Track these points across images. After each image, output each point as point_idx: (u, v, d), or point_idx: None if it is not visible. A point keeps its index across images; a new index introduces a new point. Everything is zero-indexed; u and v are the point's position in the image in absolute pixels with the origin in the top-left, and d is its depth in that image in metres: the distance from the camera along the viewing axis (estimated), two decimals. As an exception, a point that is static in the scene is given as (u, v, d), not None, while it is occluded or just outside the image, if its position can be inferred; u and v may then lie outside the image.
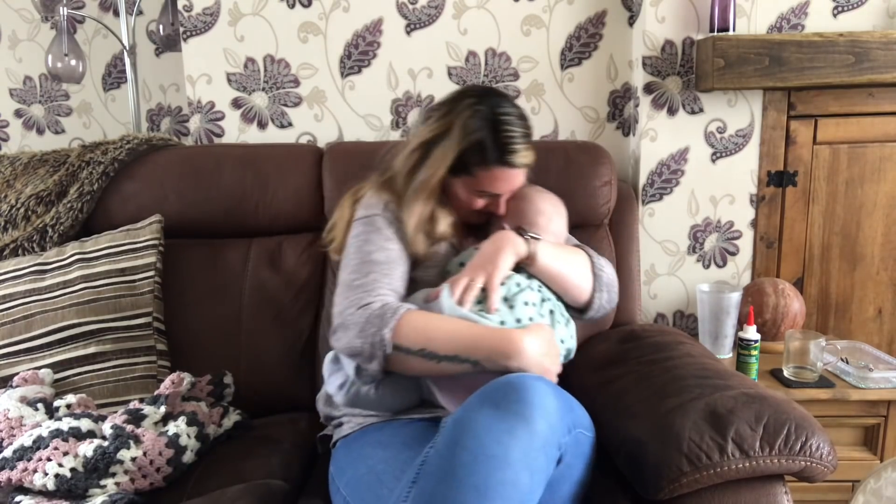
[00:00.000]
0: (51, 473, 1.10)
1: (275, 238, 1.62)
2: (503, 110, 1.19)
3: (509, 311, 1.11)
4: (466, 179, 1.21)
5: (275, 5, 1.78)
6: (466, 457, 0.83)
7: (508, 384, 0.90)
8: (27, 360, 1.42)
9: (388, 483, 0.96)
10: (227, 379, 1.47)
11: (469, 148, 1.17)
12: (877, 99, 1.68)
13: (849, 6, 1.69)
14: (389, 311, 1.06)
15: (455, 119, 1.19)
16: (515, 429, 0.85)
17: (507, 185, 1.23)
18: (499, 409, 0.86)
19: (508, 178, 1.21)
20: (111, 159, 1.60)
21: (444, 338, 1.05)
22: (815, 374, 1.49)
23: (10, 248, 1.55)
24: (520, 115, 1.22)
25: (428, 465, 0.86)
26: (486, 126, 1.17)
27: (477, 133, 1.17)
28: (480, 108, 1.18)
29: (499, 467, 0.82)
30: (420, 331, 1.05)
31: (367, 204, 1.25)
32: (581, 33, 1.81)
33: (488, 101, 1.20)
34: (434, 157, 1.19)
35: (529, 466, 0.84)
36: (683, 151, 1.74)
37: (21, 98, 2.08)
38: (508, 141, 1.17)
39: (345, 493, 1.03)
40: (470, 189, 1.22)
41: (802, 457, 0.98)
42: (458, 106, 1.20)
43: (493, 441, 0.83)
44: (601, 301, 1.26)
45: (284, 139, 1.85)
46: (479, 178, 1.20)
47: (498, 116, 1.18)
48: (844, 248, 1.76)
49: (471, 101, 1.20)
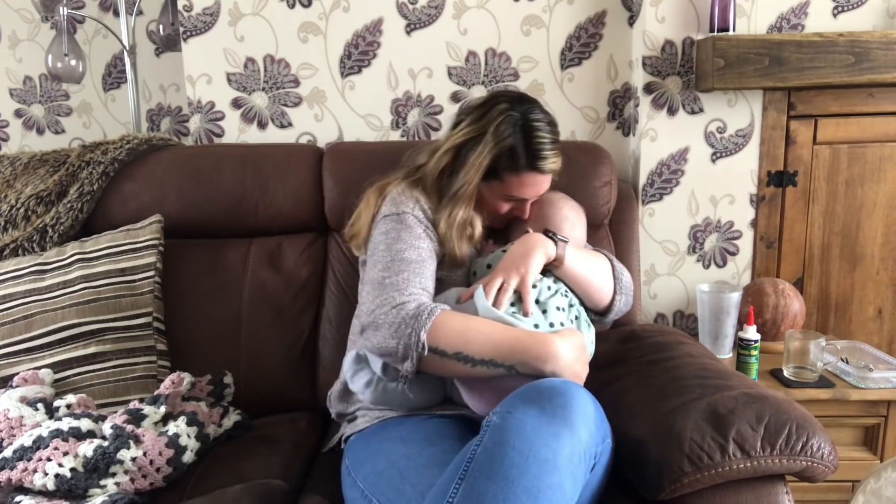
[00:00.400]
0: (51, 473, 1.09)
1: (275, 238, 1.62)
2: (534, 116, 1.20)
3: (542, 316, 1.11)
4: (496, 184, 1.22)
5: (275, 5, 1.78)
6: (517, 457, 0.83)
7: (552, 389, 0.90)
8: (27, 360, 1.42)
9: (410, 478, 0.96)
10: (227, 379, 1.47)
11: (501, 153, 1.18)
12: (877, 99, 1.68)
13: (849, 6, 1.69)
14: (425, 312, 1.05)
15: (488, 124, 1.19)
16: (562, 434, 0.86)
17: (535, 191, 1.24)
18: (545, 413, 0.87)
19: (537, 183, 1.22)
20: (111, 159, 1.60)
21: (481, 341, 1.04)
22: (815, 374, 1.49)
23: (10, 248, 1.55)
24: (550, 121, 1.23)
25: (476, 462, 0.85)
26: (519, 132, 1.18)
27: (509, 139, 1.18)
28: (513, 114, 1.19)
29: (549, 471, 0.83)
30: (457, 333, 1.04)
31: (396, 200, 1.22)
32: (581, 33, 1.81)
33: (520, 107, 1.20)
34: (469, 162, 1.20)
35: (573, 473, 0.86)
36: (683, 151, 1.74)
37: (21, 98, 2.08)
38: (539, 147, 1.19)
39: (363, 487, 1.03)
40: (498, 193, 1.23)
41: (803, 457, 0.98)
42: (491, 111, 1.20)
43: (543, 444, 0.84)
44: (620, 304, 1.27)
45: (284, 139, 1.85)
46: (508, 182, 1.21)
47: (530, 122, 1.19)
48: (844, 248, 1.76)
49: (503, 106, 1.20)
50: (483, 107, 1.23)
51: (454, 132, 1.24)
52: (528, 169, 1.19)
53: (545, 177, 1.23)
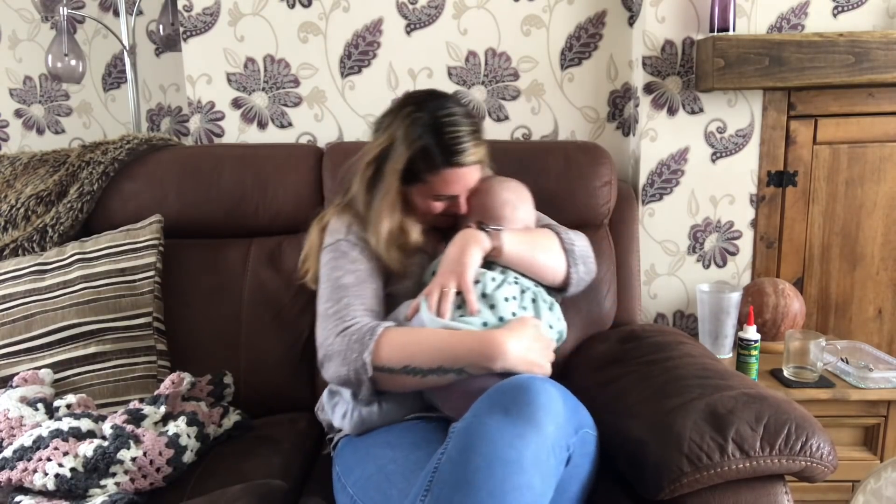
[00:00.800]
0: (51, 473, 1.10)
1: (275, 238, 1.62)
2: (444, 112, 1.17)
3: (491, 311, 1.11)
4: (420, 187, 1.20)
5: (275, 5, 1.78)
6: (481, 462, 0.82)
7: (516, 387, 0.90)
8: (27, 360, 1.42)
9: (397, 483, 0.96)
10: (227, 379, 1.47)
11: (415, 156, 1.16)
12: (877, 99, 1.68)
13: (849, 6, 1.69)
14: (367, 333, 1.06)
15: (396, 130, 1.18)
16: (526, 433, 0.85)
17: (462, 185, 1.21)
18: (509, 413, 0.86)
19: (460, 178, 1.20)
20: (111, 159, 1.60)
21: (426, 351, 1.05)
22: (815, 374, 1.49)
23: (10, 248, 1.55)
24: (465, 112, 1.20)
25: (441, 472, 0.85)
26: (428, 131, 1.16)
27: (419, 140, 1.16)
28: (420, 115, 1.17)
29: (515, 472, 0.82)
30: (400, 348, 1.05)
31: (331, 230, 1.25)
32: (581, 33, 1.81)
33: (427, 106, 1.18)
34: (386, 171, 1.19)
35: (541, 470, 0.85)
36: (683, 151, 1.74)
37: (21, 98, 2.08)
38: (453, 142, 1.16)
39: (352, 492, 1.03)
40: (426, 195, 1.21)
41: (803, 457, 0.98)
42: (397, 117, 1.20)
43: (506, 445, 0.83)
44: (579, 275, 1.25)
45: (284, 139, 1.85)
46: (431, 183, 1.19)
47: (439, 119, 1.16)
48: (844, 248, 1.76)
49: (409, 108, 1.19)
50: (391, 115, 1.22)
51: (369, 146, 1.23)
52: (445, 166, 1.17)
53: (468, 169, 1.20)
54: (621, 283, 1.61)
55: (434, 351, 1.05)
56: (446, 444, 0.88)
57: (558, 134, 1.85)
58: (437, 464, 0.86)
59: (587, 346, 1.47)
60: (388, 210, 1.19)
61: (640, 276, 1.68)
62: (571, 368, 1.41)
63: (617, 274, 1.60)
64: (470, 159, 1.18)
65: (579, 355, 1.44)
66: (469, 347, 1.03)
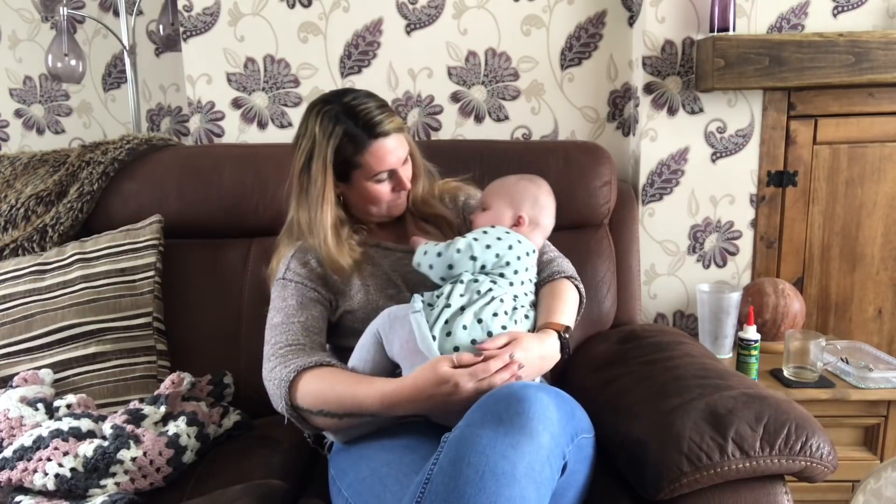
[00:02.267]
0: (51, 473, 1.10)
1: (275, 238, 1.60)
2: (348, 98, 1.21)
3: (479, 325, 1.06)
4: (358, 173, 1.21)
5: (275, 5, 1.78)
6: (472, 474, 0.81)
7: (509, 396, 0.89)
8: (27, 360, 1.42)
9: (391, 486, 0.96)
10: (227, 379, 1.47)
11: (340, 144, 1.18)
12: (877, 99, 1.68)
13: (849, 6, 1.69)
14: (284, 381, 1.08)
15: (312, 130, 1.21)
16: (520, 443, 0.84)
17: (395, 156, 1.22)
18: (502, 423, 0.86)
19: (391, 149, 1.21)
20: (111, 159, 1.60)
21: (334, 400, 1.05)
22: (815, 374, 1.49)
23: (10, 248, 1.55)
24: (367, 93, 1.23)
25: (433, 483, 0.84)
26: (342, 116, 1.19)
27: (338, 126, 1.18)
28: (328, 108, 1.20)
29: (507, 484, 0.81)
30: (312, 395, 1.07)
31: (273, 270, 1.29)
32: (581, 33, 1.81)
33: (331, 100, 1.22)
34: (314, 170, 1.20)
35: (535, 480, 0.84)
36: (683, 151, 1.74)
37: (21, 98, 2.08)
38: (368, 117, 1.18)
39: (347, 495, 1.03)
40: (366, 179, 1.22)
41: (803, 457, 0.98)
42: (308, 120, 1.22)
43: (499, 456, 0.82)
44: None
45: (284, 139, 1.84)
46: (366, 164, 1.20)
47: (347, 104, 1.20)
48: (844, 248, 1.76)
49: (316, 108, 1.22)
50: (302, 125, 1.24)
51: (294, 161, 1.25)
52: (371, 139, 1.19)
53: (394, 138, 1.21)
54: (621, 283, 1.61)
55: (341, 399, 1.05)
56: (438, 455, 0.87)
57: (558, 134, 1.85)
58: (428, 475, 0.85)
59: (587, 346, 1.47)
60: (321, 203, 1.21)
61: (640, 276, 1.68)
62: (571, 368, 1.41)
63: (617, 274, 1.60)
64: (390, 127, 1.20)
65: (579, 355, 1.44)
66: (372, 401, 1.03)
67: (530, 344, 1.05)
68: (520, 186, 1.26)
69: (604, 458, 1.07)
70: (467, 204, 1.37)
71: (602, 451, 1.06)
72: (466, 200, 1.37)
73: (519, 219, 1.23)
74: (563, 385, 1.19)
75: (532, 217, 1.23)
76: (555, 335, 1.10)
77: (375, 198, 1.24)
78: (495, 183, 1.29)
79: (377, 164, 1.20)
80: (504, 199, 1.24)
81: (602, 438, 1.07)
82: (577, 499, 0.98)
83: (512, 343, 1.03)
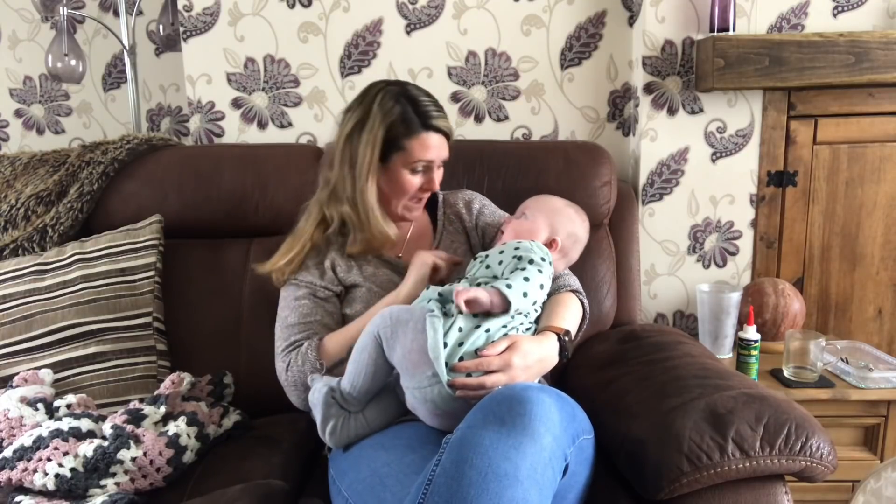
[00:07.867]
0: (51, 473, 1.10)
1: (275, 238, 1.60)
2: (412, 88, 1.28)
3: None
4: (398, 157, 1.25)
5: (275, 5, 1.78)
6: (475, 476, 0.81)
7: (511, 398, 0.89)
8: (27, 360, 1.42)
9: (391, 486, 0.96)
10: (227, 379, 1.47)
11: (393, 123, 1.23)
12: (877, 99, 1.68)
13: (849, 6, 1.69)
14: (311, 349, 1.20)
15: (371, 104, 1.25)
16: (522, 444, 0.84)
17: (438, 153, 1.27)
18: (504, 424, 0.85)
19: (437, 144, 1.26)
20: (111, 159, 1.60)
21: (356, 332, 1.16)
22: (815, 374, 1.49)
23: (10, 248, 1.55)
24: (427, 93, 1.30)
25: (435, 485, 0.83)
26: (403, 100, 1.25)
27: (396, 107, 1.24)
28: (391, 89, 1.26)
29: (509, 485, 0.81)
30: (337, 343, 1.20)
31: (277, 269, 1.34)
32: (581, 33, 1.81)
33: (396, 84, 1.28)
34: (363, 141, 1.24)
35: (538, 482, 0.84)
36: (683, 151, 1.74)
37: (21, 98, 2.08)
38: (427, 108, 1.25)
39: (347, 496, 1.03)
40: (404, 165, 1.26)
41: (803, 457, 0.98)
42: (368, 94, 1.27)
43: (502, 458, 0.82)
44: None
45: (284, 139, 1.85)
46: (410, 149, 1.24)
47: (409, 92, 1.27)
48: (844, 248, 1.76)
49: (380, 85, 1.28)
50: (360, 96, 1.29)
51: (340, 128, 1.29)
52: (424, 129, 1.24)
53: (442, 139, 1.27)
54: (621, 283, 1.61)
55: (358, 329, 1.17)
56: (440, 456, 0.86)
57: (558, 134, 1.85)
58: (430, 476, 0.85)
59: (587, 346, 1.47)
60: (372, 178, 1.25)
61: (640, 276, 1.68)
62: (571, 368, 1.41)
63: (617, 274, 1.60)
64: (444, 125, 1.27)
65: (579, 355, 1.44)
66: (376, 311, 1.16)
67: (529, 347, 1.06)
68: (565, 213, 1.30)
69: (604, 459, 1.07)
70: (482, 212, 1.41)
71: (602, 451, 1.06)
72: (481, 209, 1.42)
73: (553, 242, 1.26)
74: (563, 385, 1.19)
75: (565, 246, 1.28)
76: (554, 337, 1.11)
77: (404, 188, 1.28)
78: (542, 197, 1.33)
79: (420, 151, 1.25)
80: (545, 218, 1.28)
81: (602, 438, 1.07)
82: (577, 501, 0.98)
83: (511, 347, 1.04)
